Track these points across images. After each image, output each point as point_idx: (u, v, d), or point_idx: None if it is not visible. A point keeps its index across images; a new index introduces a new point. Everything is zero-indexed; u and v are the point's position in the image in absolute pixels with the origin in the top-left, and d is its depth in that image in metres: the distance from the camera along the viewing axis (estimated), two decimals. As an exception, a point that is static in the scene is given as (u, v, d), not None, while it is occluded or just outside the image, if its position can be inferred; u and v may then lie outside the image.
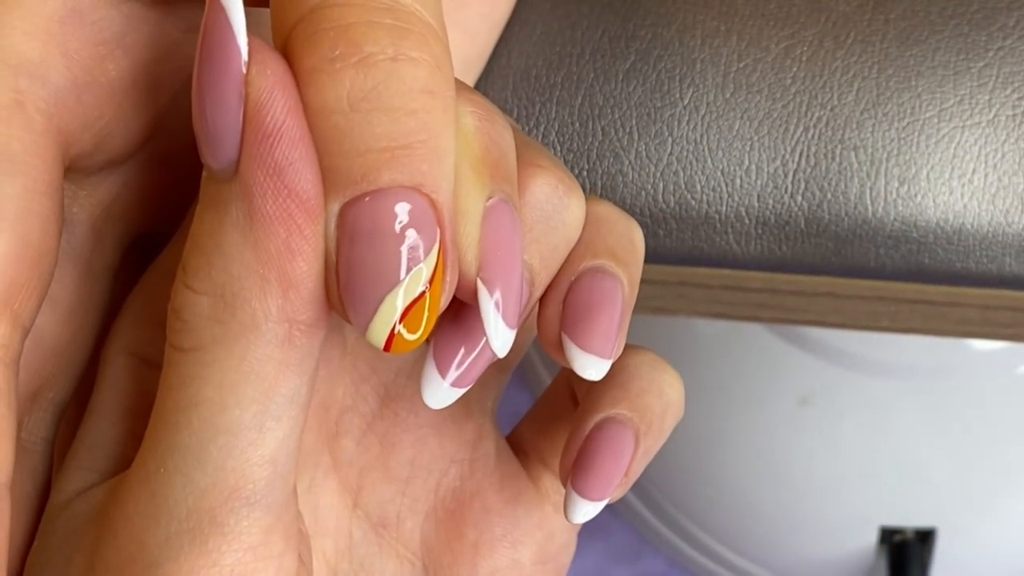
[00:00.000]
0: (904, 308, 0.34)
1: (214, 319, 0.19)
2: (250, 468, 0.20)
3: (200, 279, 0.19)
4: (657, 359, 0.25)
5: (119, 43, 0.21)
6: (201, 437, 0.19)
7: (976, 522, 0.75)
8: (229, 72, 0.18)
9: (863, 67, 0.29)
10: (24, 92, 0.20)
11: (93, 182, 0.22)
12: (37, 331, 0.22)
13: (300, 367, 0.20)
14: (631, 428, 0.24)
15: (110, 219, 0.23)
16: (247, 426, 0.19)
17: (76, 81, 0.20)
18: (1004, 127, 0.30)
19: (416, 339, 0.19)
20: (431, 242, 0.19)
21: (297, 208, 0.19)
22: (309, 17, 0.19)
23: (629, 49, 0.30)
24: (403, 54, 0.18)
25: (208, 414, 0.19)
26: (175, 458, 0.20)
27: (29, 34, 0.20)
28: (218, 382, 0.19)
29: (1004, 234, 0.30)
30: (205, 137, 0.19)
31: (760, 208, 0.30)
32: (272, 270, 0.19)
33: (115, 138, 0.21)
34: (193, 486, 0.20)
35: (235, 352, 0.19)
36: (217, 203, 0.19)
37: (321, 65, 0.18)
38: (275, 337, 0.19)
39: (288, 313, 0.19)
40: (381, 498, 0.26)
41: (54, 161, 0.20)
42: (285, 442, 0.20)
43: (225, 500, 0.20)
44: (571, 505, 0.24)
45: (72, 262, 0.22)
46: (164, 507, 0.20)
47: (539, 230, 0.22)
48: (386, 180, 0.18)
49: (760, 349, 0.72)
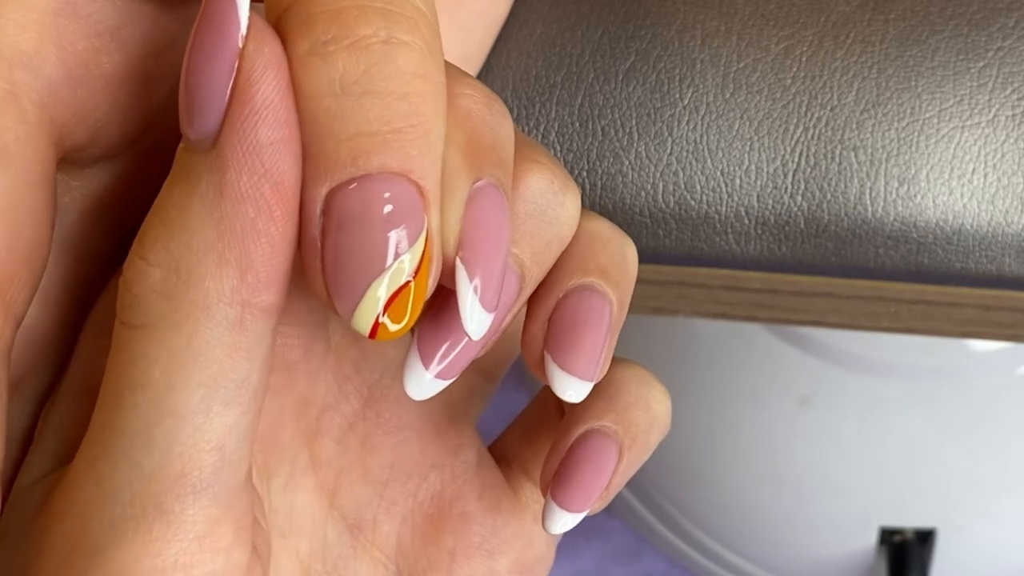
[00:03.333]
0: (904, 308, 0.34)
1: (165, 295, 0.19)
2: (197, 454, 0.19)
3: (157, 250, 0.19)
4: (645, 374, 0.25)
5: (114, 36, 0.21)
6: (147, 419, 0.19)
7: (976, 522, 0.75)
8: (225, 43, 0.18)
9: (863, 67, 0.29)
10: (18, 84, 0.20)
11: (86, 174, 0.22)
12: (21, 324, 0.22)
13: (251, 352, 0.19)
14: (615, 441, 0.24)
15: (102, 211, 0.23)
16: (194, 409, 0.19)
17: (70, 73, 0.20)
18: (1004, 127, 0.30)
19: (401, 328, 0.19)
20: (417, 230, 0.19)
21: (270, 190, 0.18)
22: (301, 0, 0.18)
23: (629, 49, 0.30)
24: (395, 38, 0.18)
25: (154, 395, 0.19)
26: (120, 441, 0.19)
27: (23, 26, 0.20)
28: (165, 362, 0.19)
29: (1004, 234, 0.30)
30: (189, 104, 0.18)
31: (760, 208, 0.30)
32: (233, 249, 0.18)
33: (109, 131, 0.21)
34: (138, 470, 0.19)
35: (184, 331, 0.19)
36: (189, 174, 0.19)
37: (314, 48, 0.18)
38: (226, 319, 0.19)
39: (243, 295, 0.19)
40: (358, 500, 0.25)
41: (47, 153, 0.20)
42: (234, 429, 0.19)
43: (171, 486, 0.19)
44: (549, 515, 0.24)
45: (61, 253, 0.22)
46: (109, 491, 0.19)
47: (532, 224, 0.22)
48: (376, 165, 0.18)
49: (760, 350, 0.72)
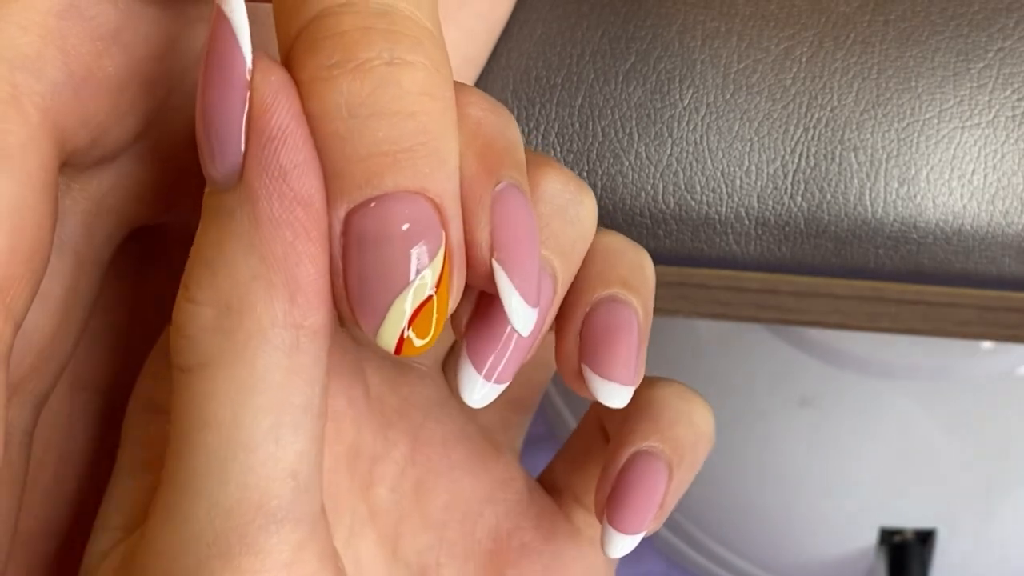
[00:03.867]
0: (904, 308, 0.34)
1: (219, 330, 0.19)
2: (272, 483, 0.19)
3: (203, 289, 0.19)
4: (686, 390, 0.26)
5: (116, 39, 0.21)
6: (219, 456, 0.19)
7: (976, 522, 0.75)
8: (233, 80, 0.18)
9: (863, 68, 0.29)
10: (20, 87, 0.20)
11: (86, 176, 0.22)
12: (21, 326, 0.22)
13: (310, 374, 0.19)
14: (664, 460, 0.24)
15: (102, 213, 0.23)
16: (263, 439, 0.19)
17: (73, 76, 0.20)
18: (1004, 128, 0.30)
19: (426, 343, 0.19)
20: (436, 245, 0.19)
21: (303, 211, 0.19)
22: (308, 28, 0.19)
23: (629, 50, 0.30)
24: (399, 58, 0.19)
25: (223, 431, 0.19)
26: (195, 483, 0.19)
27: (26, 29, 0.20)
28: (229, 397, 0.19)
29: (1004, 235, 0.30)
30: (209, 146, 0.19)
31: (760, 209, 0.30)
32: (278, 274, 0.19)
33: (110, 133, 0.21)
34: (218, 508, 0.19)
35: (243, 360, 0.19)
36: (220, 213, 0.19)
37: (318, 73, 0.18)
38: (283, 343, 0.19)
39: (295, 318, 0.19)
40: (420, 546, 0.26)
41: (49, 156, 0.20)
42: (305, 455, 0.20)
43: (252, 518, 0.19)
44: (608, 540, 0.24)
45: (62, 255, 0.22)
46: (191, 534, 0.19)
47: (556, 225, 0.22)
48: (390, 184, 0.18)
49: (760, 350, 0.72)
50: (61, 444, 0.24)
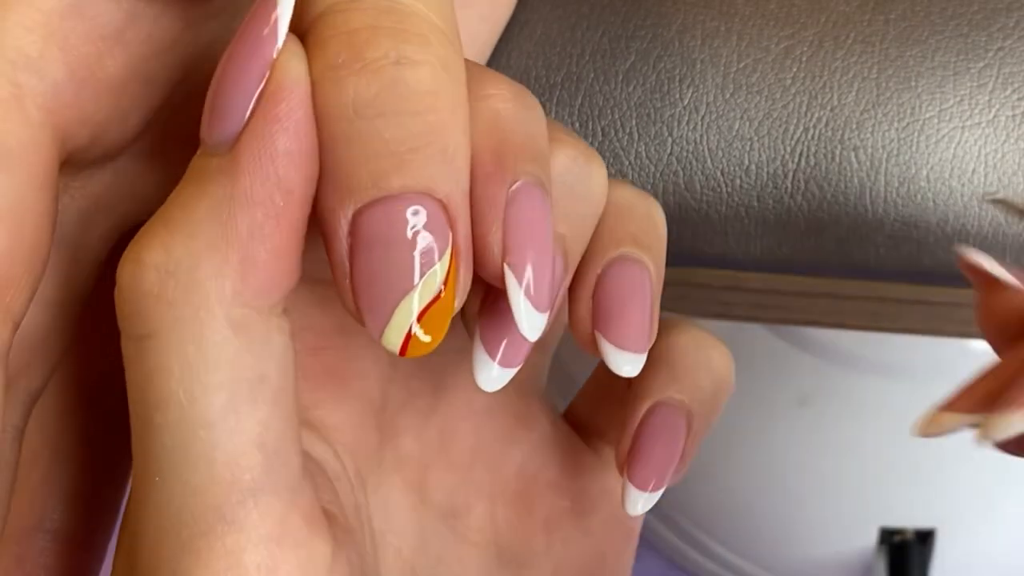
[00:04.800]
0: (904, 308, 0.34)
1: (164, 300, 0.19)
2: (240, 457, 0.19)
3: (153, 249, 0.19)
4: (703, 335, 0.26)
5: (118, 39, 0.21)
6: (180, 436, 0.19)
7: (976, 522, 0.75)
8: (260, 52, 0.18)
9: (863, 67, 0.29)
10: (22, 86, 0.19)
11: (85, 174, 0.22)
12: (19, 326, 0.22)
13: (263, 352, 0.19)
14: (682, 411, 0.25)
15: (99, 211, 0.23)
16: (221, 414, 0.19)
17: (74, 76, 0.20)
18: (1004, 127, 0.30)
19: (431, 342, 0.19)
20: (444, 245, 0.19)
21: (281, 198, 0.19)
22: (316, 23, 0.19)
23: (629, 49, 0.30)
24: (405, 57, 0.18)
25: (178, 410, 0.19)
26: (162, 462, 0.19)
27: (28, 28, 0.20)
28: (180, 372, 0.19)
29: (1004, 235, 0.30)
30: (213, 107, 0.19)
31: (760, 208, 0.30)
32: (236, 251, 0.18)
33: (111, 133, 0.21)
34: (191, 487, 0.19)
35: (190, 335, 0.19)
36: (202, 176, 0.19)
37: (325, 73, 0.18)
38: (230, 321, 0.19)
39: (244, 297, 0.19)
40: (447, 489, 0.26)
41: (50, 156, 0.20)
42: (269, 424, 0.19)
43: (228, 495, 0.19)
44: (629, 497, 0.24)
45: (58, 253, 0.22)
46: (169, 516, 0.19)
47: (565, 203, 0.22)
48: (396, 186, 0.18)
49: (760, 349, 0.72)
50: (52, 441, 0.24)
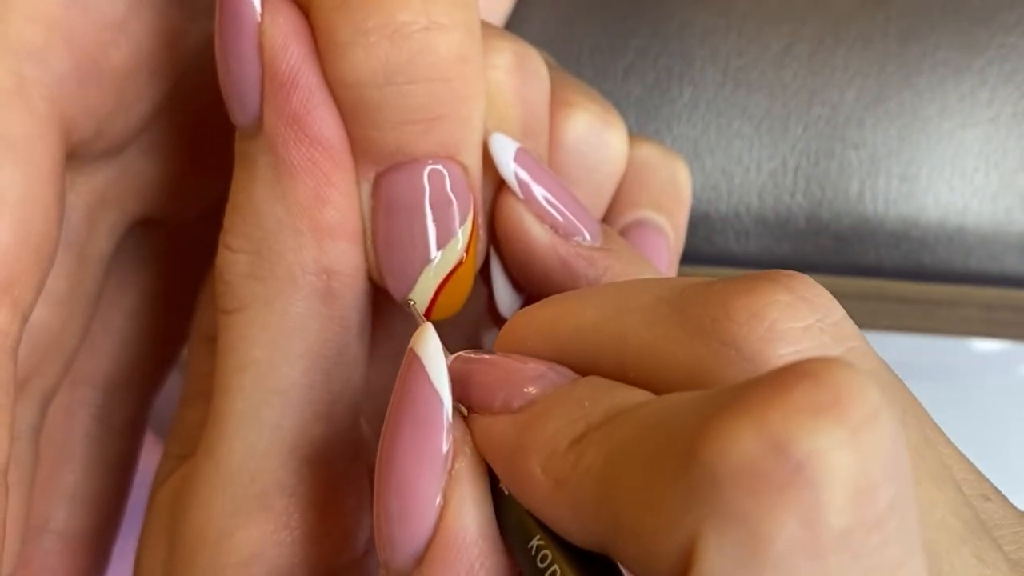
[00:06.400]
0: (905, 307, 0.33)
1: (253, 276, 0.19)
2: (305, 425, 0.19)
3: (236, 237, 0.19)
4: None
5: (122, 30, 0.21)
6: (254, 398, 0.19)
7: (976, 522, 0.75)
8: (245, 25, 0.18)
9: (864, 65, 0.29)
10: (27, 78, 0.19)
11: (90, 169, 0.22)
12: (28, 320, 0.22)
13: (344, 320, 0.19)
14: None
15: (105, 206, 0.23)
16: (297, 383, 0.19)
17: (79, 67, 0.20)
18: (1005, 125, 0.29)
19: (456, 303, 0.19)
20: (466, 209, 0.19)
21: (322, 156, 0.19)
22: None
23: (628, 46, 0.30)
24: (435, 22, 0.18)
25: (257, 375, 0.19)
26: (232, 424, 0.19)
27: (33, 20, 0.20)
28: (264, 341, 0.19)
29: (1005, 233, 0.30)
30: (230, 93, 0.19)
31: (760, 206, 0.30)
32: (304, 221, 0.19)
33: (116, 125, 0.21)
34: (252, 450, 0.19)
35: (276, 308, 0.19)
36: (246, 160, 0.19)
37: (354, 38, 0.18)
38: (314, 290, 0.19)
39: (325, 264, 0.19)
40: None
41: (56, 147, 0.20)
42: (340, 397, 0.20)
43: (285, 460, 0.19)
44: None
45: (66, 249, 0.22)
46: (228, 476, 0.19)
47: (577, 173, 0.22)
48: (421, 151, 0.18)
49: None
50: (58, 439, 0.24)
